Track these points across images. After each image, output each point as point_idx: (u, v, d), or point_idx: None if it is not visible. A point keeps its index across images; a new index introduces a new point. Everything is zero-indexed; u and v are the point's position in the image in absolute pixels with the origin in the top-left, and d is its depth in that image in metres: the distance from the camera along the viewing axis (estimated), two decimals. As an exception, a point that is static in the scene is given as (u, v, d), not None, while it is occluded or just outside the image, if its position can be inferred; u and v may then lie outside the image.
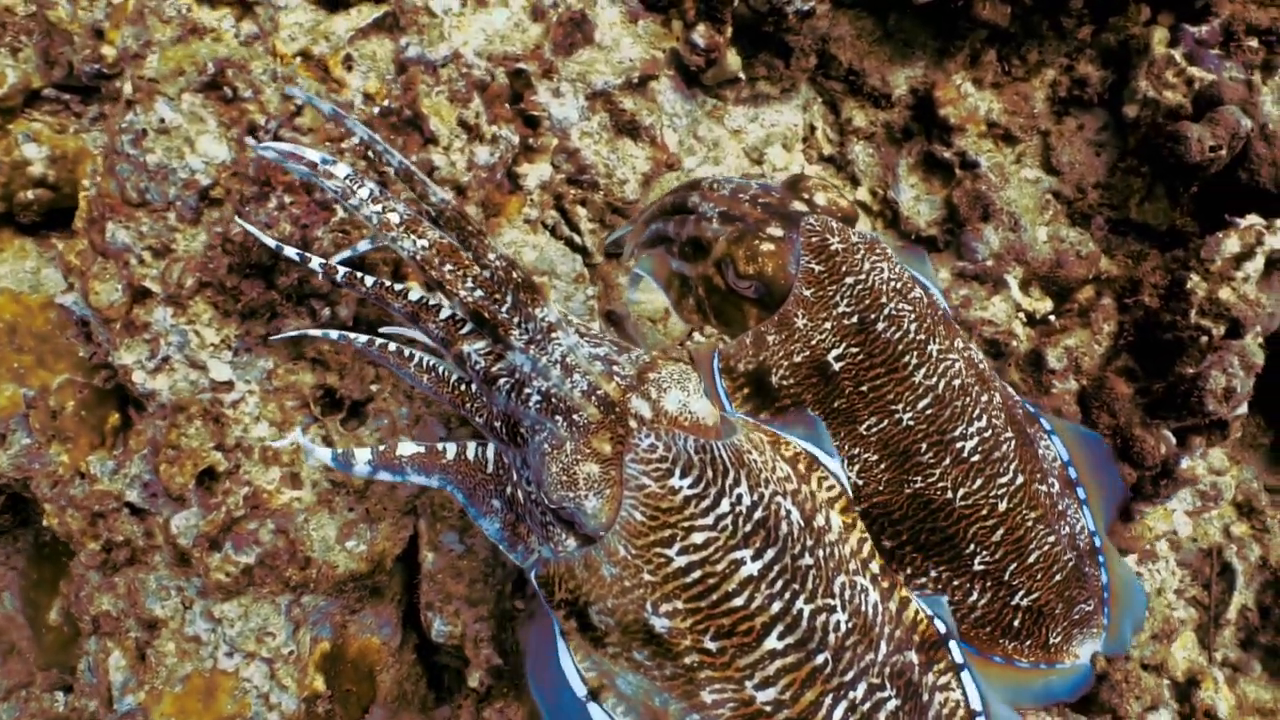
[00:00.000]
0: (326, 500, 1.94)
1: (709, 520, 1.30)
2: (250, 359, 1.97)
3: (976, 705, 1.52)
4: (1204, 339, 2.10)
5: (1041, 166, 2.65)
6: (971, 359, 1.84)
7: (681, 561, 1.30)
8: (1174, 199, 2.30)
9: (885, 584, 1.49)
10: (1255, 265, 2.12)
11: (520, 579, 2.18)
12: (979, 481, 1.77)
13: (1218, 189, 2.24)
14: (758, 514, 1.33)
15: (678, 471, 1.30)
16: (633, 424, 1.33)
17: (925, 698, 1.46)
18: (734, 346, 1.78)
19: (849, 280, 1.70)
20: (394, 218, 1.50)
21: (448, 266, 1.49)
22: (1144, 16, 2.51)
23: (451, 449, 1.56)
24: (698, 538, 1.30)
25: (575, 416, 1.34)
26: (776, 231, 1.74)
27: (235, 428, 1.92)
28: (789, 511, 1.37)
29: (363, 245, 1.73)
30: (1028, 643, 1.88)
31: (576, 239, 2.31)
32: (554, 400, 1.36)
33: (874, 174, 2.72)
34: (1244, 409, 2.14)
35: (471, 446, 1.56)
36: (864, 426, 1.74)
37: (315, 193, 1.93)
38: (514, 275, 1.48)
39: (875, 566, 1.49)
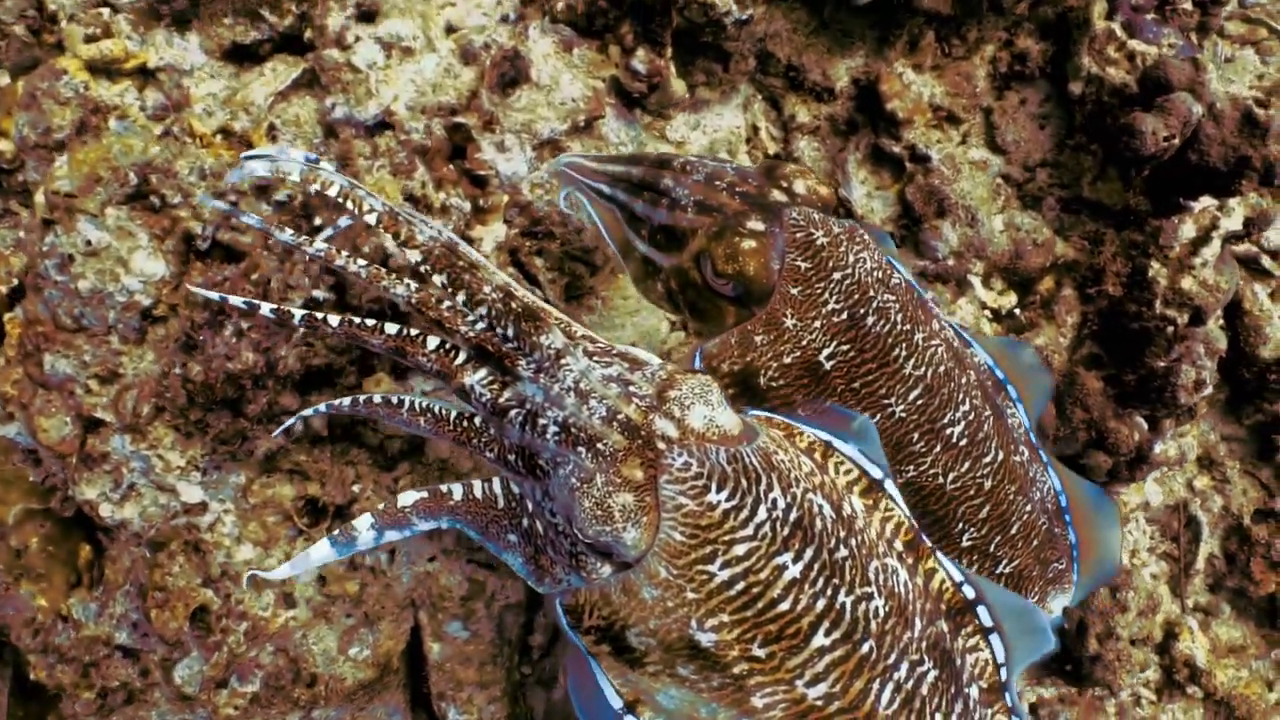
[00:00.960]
0: (323, 613, 1.90)
1: (749, 530, 1.29)
2: (221, 476, 1.89)
3: (1001, 659, 1.53)
4: (1169, 329, 2.14)
5: (987, 146, 2.63)
6: (949, 340, 1.84)
7: (725, 575, 1.29)
8: (1126, 181, 2.30)
9: (910, 559, 1.48)
10: (1212, 250, 2.15)
11: (526, 646, 2.19)
12: (966, 464, 1.79)
13: (1169, 170, 2.24)
14: (793, 515, 1.32)
15: (714, 486, 1.28)
16: (661, 445, 1.29)
17: (958, 662, 1.48)
18: (718, 346, 1.72)
19: (836, 276, 1.65)
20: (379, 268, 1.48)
21: (444, 305, 1.44)
22: (1081, -13, 2.47)
23: (458, 490, 1.51)
24: (739, 549, 1.29)
25: (599, 445, 1.30)
26: (757, 225, 1.67)
27: (218, 554, 1.85)
28: (820, 506, 1.36)
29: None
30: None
31: (535, 291, 2.24)
32: (573, 430, 1.32)
33: (822, 170, 2.67)
34: (1210, 390, 2.20)
35: (478, 485, 1.52)
36: None
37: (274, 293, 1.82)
38: (513, 305, 1.42)
39: (900, 543, 1.48)
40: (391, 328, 1.48)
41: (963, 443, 1.78)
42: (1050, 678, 2.46)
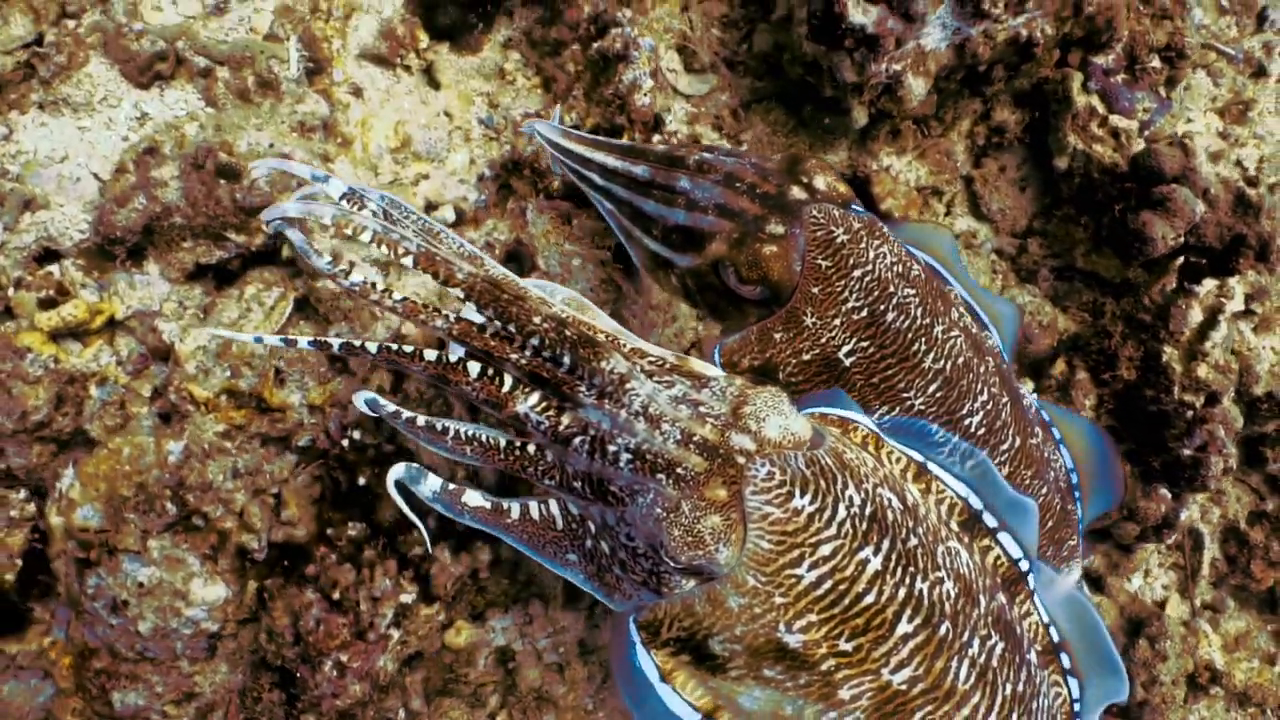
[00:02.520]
0: None
1: (832, 530, 1.30)
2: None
3: (1046, 620, 1.61)
4: (1189, 413, 2.24)
5: (971, 214, 2.64)
6: (967, 329, 1.83)
7: (812, 576, 1.30)
8: (1127, 262, 2.35)
9: (966, 538, 1.52)
10: (1221, 333, 2.24)
11: None
12: (984, 452, 1.77)
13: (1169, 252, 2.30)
14: (869, 510, 1.33)
15: (798, 492, 1.29)
16: (741, 460, 1.29)
17: (1018, 631, 1.53)
18: (737, 343, 1.72)
19: (856, 274, 1.64)
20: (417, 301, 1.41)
21: (489, 334, 1.38)
22: (1054, 58, 2.45)
23: (516, 509, 1.50)
24: (825, 550, 1.30)
25: (679, 470, 1.28)
26: (778, 229, 1.64)
27: None
28: (889, 499, 1.38)
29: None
30: None
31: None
32: (648, 457, 1.30)
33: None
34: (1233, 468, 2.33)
35: (534, 505, 1.50)
36: (875, 416, 1.73)
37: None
38: (567, 334, 1.36)
39: (955, 524, 1.52)
40: (431, 354, 1.41)
41: (981, 432, 1.79)
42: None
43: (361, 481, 1.91)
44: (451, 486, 1.48)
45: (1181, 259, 2.30)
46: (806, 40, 2.10)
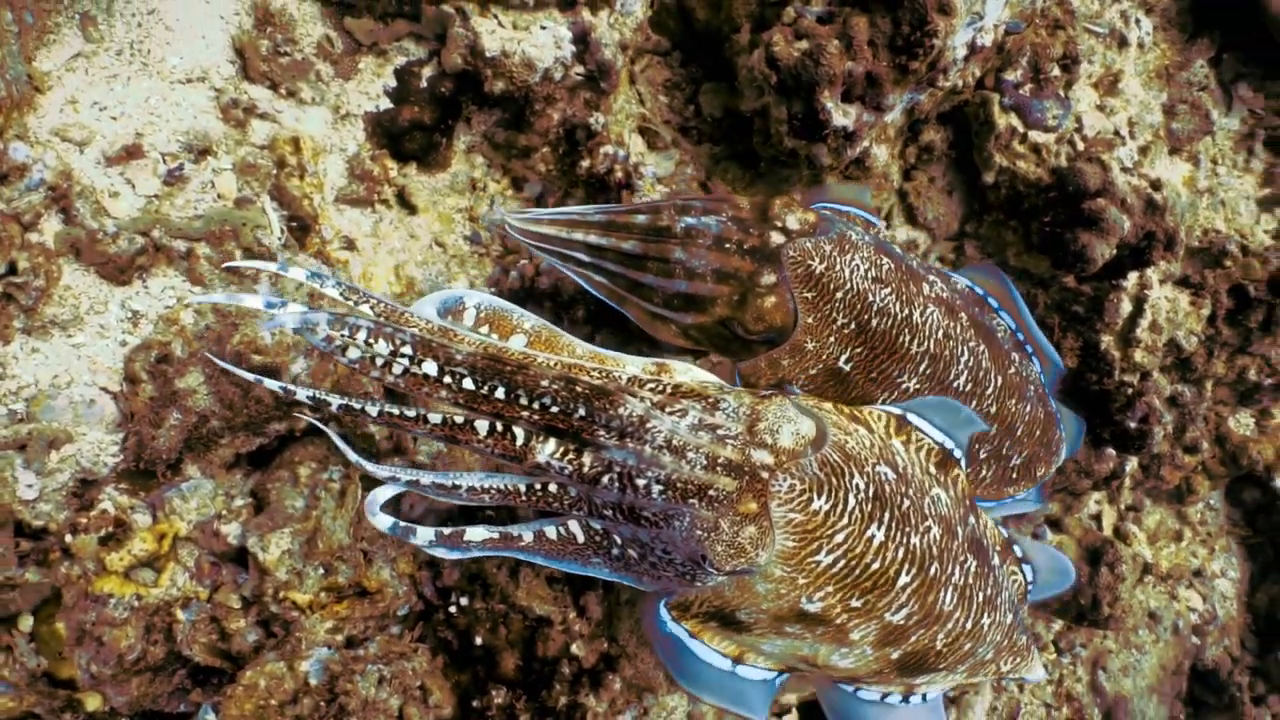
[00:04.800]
0: None
1: (844, 520, 1.49)
2: None
3: (1009, 534, 1.95)
4: (1129, 390, 2.63)
5: (909, 224, 2.89)
6: (939, 297, 2.04)
7: (829, 559, 1.49)
8: (1060, 267, 2.67)
9: (943, 476, 1.72)
10: (1148, 319, 2.61)
11: None
12: (974, 402, 2.09)
13: (1091, 250, 2.63)
14: (871, 491, 1.53)
15: (814, 495, 1.46)
16: (764, 475, 1.42)
17: (984, 543, 1.79)
18: (750, 367, 1.94)
19: (839, 295, 1.87)
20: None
21: (498, 397, 1.40)
22: (971, 78, 2.67)
23: (528, 534, 1.54)
24: (839, 537, 1.49)
25: (711, 492, 1.38)
26: (770, 278, 1.84)
27: None
28: (885, 474, 1.57)
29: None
30: (1021, 482, 2.33)
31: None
32: (679, 485, 1.39)
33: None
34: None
35: (551, 528, 1.54)
36: (879, 402, 1.94)
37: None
38: (578, 390, 1.41)
39: (933, 466, 1.71)
40: (435, 417, 1.43)
41: (969, 387, 2.05)
42: (1077, 626, 3.13)
43: (479, 641, 2.03)
44: (448, 531, 1.49)
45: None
46: (788, 137, 2.23)
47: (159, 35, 2.25)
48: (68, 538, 1.97)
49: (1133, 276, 2.63)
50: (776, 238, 1.85)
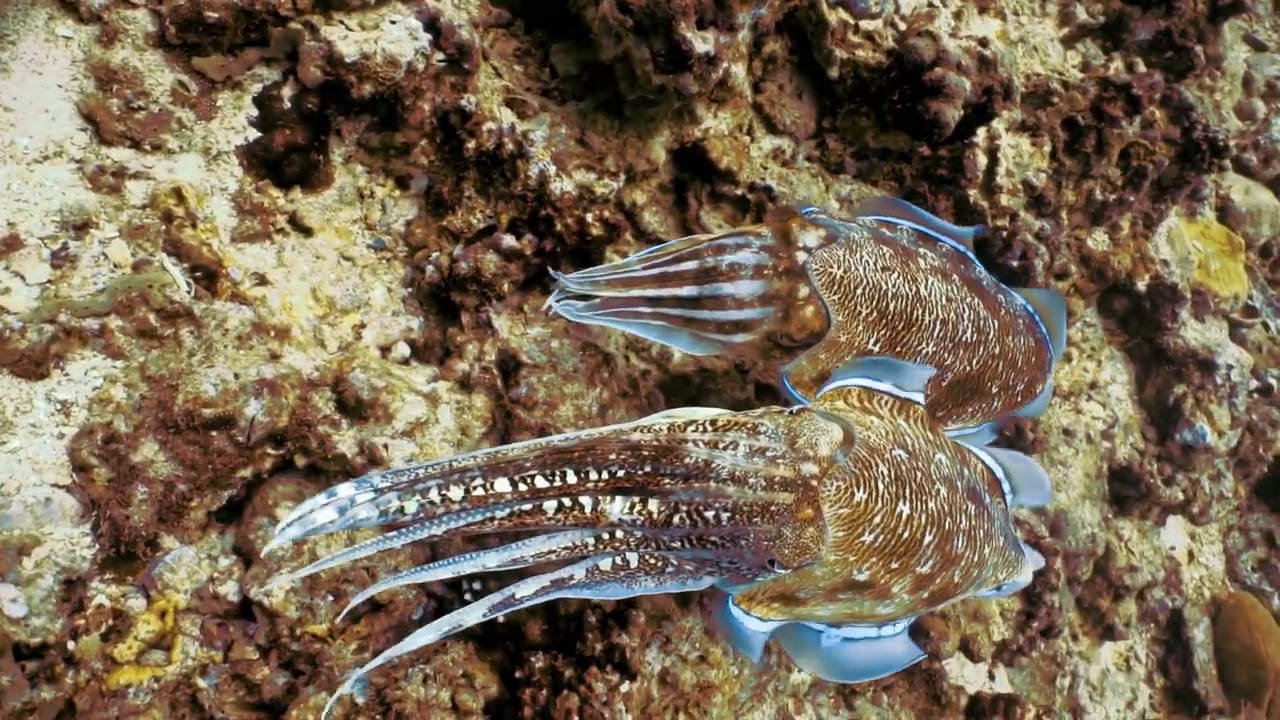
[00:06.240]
0: None
1: (879, 504, 1.75)
2: None
3: (993, 465, 2.20)
4: (1004, 234, 2.87)
5: (770, 133, 3.05)
6: (934, 267, 2.31)
7: (870, 538, 1.74)
8: (916, 137, 2.87)
9: (938, 439, 1.99)
10: (1004, 166, 2.85)
11: None
12: (982, 349, 2.37)
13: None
14: (894, 474, 1.78)
15: (855, 490, 1.71)
16: (814, 483, 1.67)
17: (977, 487, 2.06)
18: (795, 368, 2.19)
19: (858, 291, 2.14)
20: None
21: (570, 480, 1.51)
22: (796, -14, 2.82)
23: (580, 572, 1.59)
24: (877, 519, 1.74)
25: (773, 509, 1.60)
26: (805, 291, 2.10)
27: None
28: (900, 455, 1.83)
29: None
30: (1025, 402, 2.61)
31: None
32: (744, 509, 1.57)
33: (671, 226, 2.95)
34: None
35: (606, 561, 1.60)
36: None
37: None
38: (644, 453, 1.55)
39: (930, 434, 1.96)
40: (502, 511, 1.49)
41: (975, 338, 2.33)
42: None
43: (500, 619, 2.09)
44: (497, 598, 1.53)
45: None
46: (656, 74, 2.33)
47: (0, 120, 2.16)
48: (69, 645, 1.92)
49: (981, 131, 2.86)
50: (802, 256, 2.10)
